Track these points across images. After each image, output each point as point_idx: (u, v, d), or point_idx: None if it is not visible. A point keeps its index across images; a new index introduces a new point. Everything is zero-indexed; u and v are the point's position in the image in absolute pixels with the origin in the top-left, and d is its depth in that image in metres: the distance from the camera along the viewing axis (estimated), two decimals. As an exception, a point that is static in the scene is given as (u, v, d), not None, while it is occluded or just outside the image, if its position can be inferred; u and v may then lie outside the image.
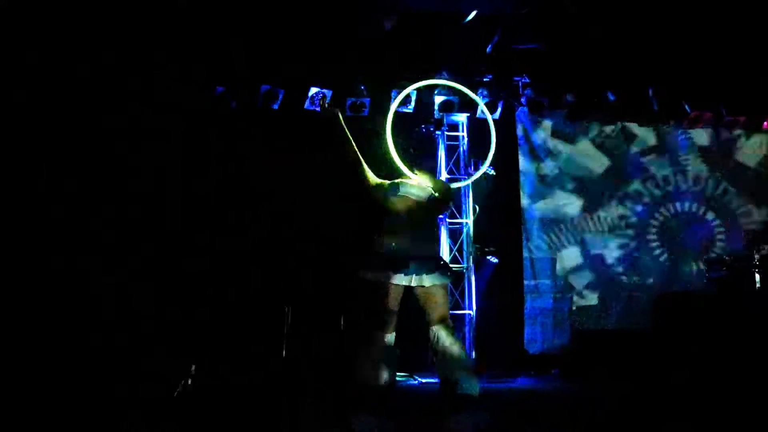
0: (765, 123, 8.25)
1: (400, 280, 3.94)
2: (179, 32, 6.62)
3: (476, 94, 7.77)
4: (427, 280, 3.97)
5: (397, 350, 4.06)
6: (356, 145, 4.29)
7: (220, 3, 6.64)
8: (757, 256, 5.73)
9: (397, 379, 6.19)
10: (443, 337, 4.00)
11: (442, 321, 4.08)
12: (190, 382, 5.68)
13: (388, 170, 4.49)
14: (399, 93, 7.45)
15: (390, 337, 3.99)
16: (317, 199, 7.16)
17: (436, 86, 7.51)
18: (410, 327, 4.35)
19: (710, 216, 8.36)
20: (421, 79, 7.51)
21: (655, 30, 7.16)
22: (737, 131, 8.46)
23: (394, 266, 3.91)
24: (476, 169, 7.58)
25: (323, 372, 5.89)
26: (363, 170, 4.20)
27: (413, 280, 3.95)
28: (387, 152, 4.39)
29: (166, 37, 6.58)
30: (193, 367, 5.77)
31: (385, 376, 3.84)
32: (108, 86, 6.58)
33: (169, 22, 6.54)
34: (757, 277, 5.67)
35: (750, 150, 8.49)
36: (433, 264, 4.05)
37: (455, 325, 7.37)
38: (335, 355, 6.25)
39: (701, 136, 8.48)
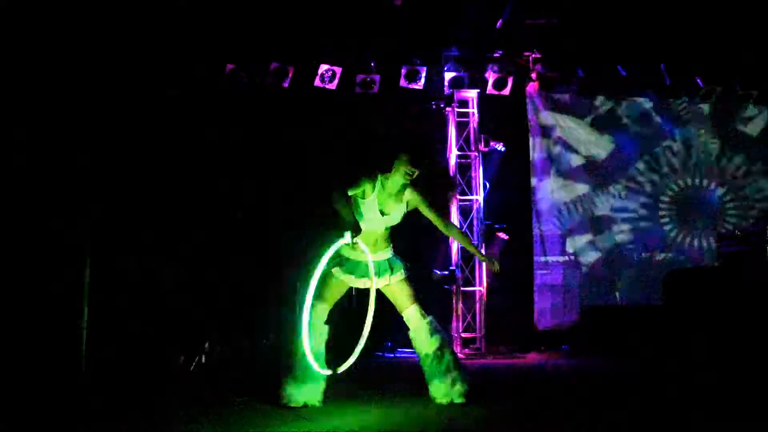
0: None
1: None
2: (189, 10, 6.60)
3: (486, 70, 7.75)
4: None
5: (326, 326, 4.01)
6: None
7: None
8: (769, 231, 5.70)
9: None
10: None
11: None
12: (204, 357, 5.80)
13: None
14: (408, 69, 7.45)
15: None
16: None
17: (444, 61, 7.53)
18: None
19: (719, 190, 8.31)
20: (430, 54, 7.55)
21: (668, 3, 7.06)
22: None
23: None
24: (486, 145, 7.58)
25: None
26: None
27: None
28: None
29: (175, 15, 6.57)
30: (207, 344, 5.88)
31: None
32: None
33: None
34: (769, 251, 5.65)
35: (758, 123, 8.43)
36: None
37: (466, 302, 7.53)
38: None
39: (709, 110, 8.41)
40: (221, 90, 7.24)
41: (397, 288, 4.02)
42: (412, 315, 4.00)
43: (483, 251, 7.56)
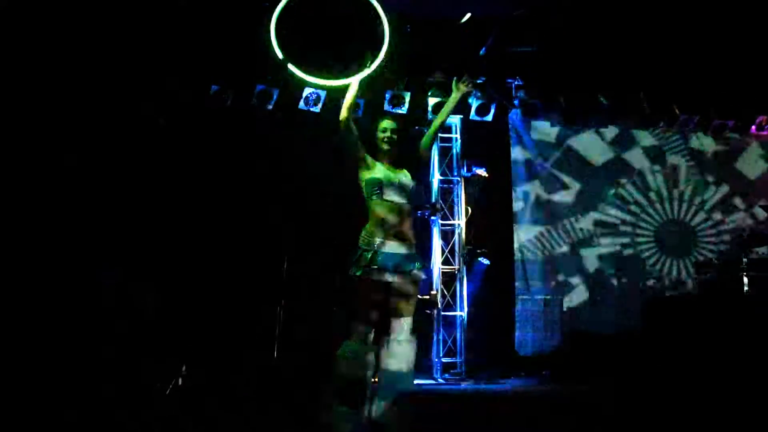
0: (753, 128, 8.33)
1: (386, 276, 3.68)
2: (176, 30, 6.61)
3: (470, 97, 7.81)
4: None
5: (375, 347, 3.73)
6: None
7: (217, 3, 6.63)
8: (745, 260, 5.77)
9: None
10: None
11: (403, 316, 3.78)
12: (181, 381, 5.70)
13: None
14: (393, 94, 7.51)
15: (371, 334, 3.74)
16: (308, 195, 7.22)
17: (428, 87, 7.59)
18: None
19: (700, 218, 8.41)
20: (414, 81, 7.61)
21: (647, 33, 7.20)
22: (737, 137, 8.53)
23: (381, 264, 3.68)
24: (468, 170, 7.65)
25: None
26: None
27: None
28: None
29: (162, 35, 6.58)
30: (184, 367, 5.79)
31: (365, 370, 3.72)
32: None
33: (166, 20, 6.53)
34: (746, 280, 5.71)
35: (749, 158, 8.56)
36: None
37: (446, 327, 7.50)
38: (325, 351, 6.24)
39: (699, 141, 8.55)
40: (205, 109, 7.25)
41: (410, 288, 3.76)
42: (406, 327, 3.73)
43: (465, 276, 7.58)
